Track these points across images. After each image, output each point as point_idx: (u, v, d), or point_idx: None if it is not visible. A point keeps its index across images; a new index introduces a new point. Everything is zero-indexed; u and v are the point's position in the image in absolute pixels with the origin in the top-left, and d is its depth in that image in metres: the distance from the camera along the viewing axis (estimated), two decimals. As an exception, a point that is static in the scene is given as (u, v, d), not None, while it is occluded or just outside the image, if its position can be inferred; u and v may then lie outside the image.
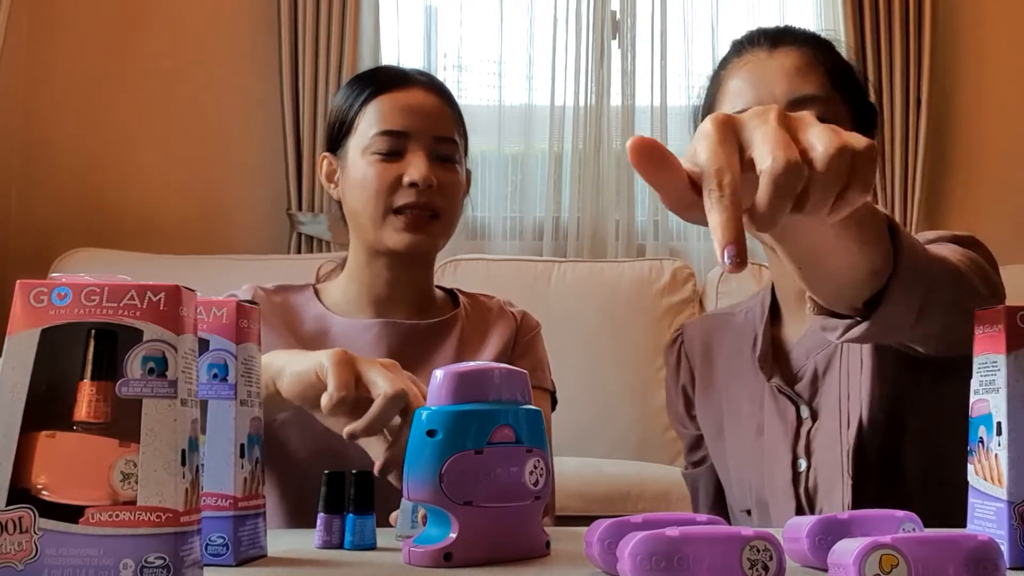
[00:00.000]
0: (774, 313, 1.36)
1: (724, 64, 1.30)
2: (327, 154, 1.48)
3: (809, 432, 1.26)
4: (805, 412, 1.27)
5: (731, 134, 0.68)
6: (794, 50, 1.25)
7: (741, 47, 1.29)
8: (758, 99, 1.20)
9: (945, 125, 3.53)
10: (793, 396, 1.28)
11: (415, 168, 1.36)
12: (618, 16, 3.49)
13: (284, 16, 3.38)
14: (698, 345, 1.43)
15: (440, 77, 3.42)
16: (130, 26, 3.50)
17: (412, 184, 1.36)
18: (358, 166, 1.39)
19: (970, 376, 1.06)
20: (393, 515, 0.97)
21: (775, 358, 1.32)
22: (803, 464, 1.26)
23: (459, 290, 1.54)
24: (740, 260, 0.63)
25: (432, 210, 1.37)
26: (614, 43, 3.48)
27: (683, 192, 0.68)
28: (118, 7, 3.50)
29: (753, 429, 1.32)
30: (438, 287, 1.52)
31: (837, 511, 1.16)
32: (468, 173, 1.51)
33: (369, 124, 1.39)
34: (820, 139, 0.67)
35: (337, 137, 1.45)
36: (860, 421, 1.21)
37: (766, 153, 0.65)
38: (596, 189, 3.41)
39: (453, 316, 1.46)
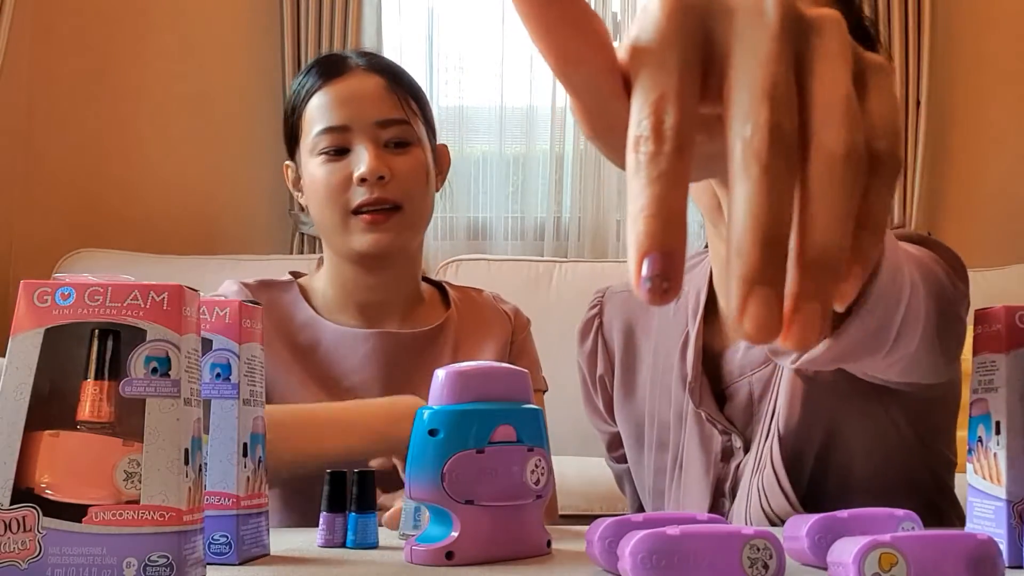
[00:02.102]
0: (710, 306, 1.16)
1: None
2: (288, 162, 1.41)
3: (739, 466, 1.11)
4: (738, 442, 1.11)
5: (696, 27, 0.37)
6: None
7: None
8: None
9: (945, 125, 3.53)
10: (724, 425, 1.11)
11: (362, 162, 1.28)
12: (619, 17, 3.49)
13: (287, 18, 3.39)
14: (619, 328, 1.25)
15: (442, 79, 3.48)
16: (132, 29, 3.50)
17: (362, 180, 1.28)
18: (309, 169, 1.33)
19: (911, 400, 1.04)
20: (386, 516, 0.96)
21: (705, 369, 1.13)
22: (726, 504, 1.11)
23: (447, 283, 1.47)
24: (668, 285, 0.34)
25: (391, 203, 1.29)
26: (615, 44, 3.48)
27: (608, 97, 0.38)
28: (120, 10, 3.50)
29: (678, 458, 1.16)
30: (424, 279, 1.45)
31: None
32: (443, 149, 1.41)
33: (311, 123, 1.32)
34: (835, 93, 0.36)
35: (290, 142, 1.39)
36: (783, 464, 1.04)
37: (749, 105, 0.35)
38: (597, 189, 3.41)
39: (447, 319, 1.39)
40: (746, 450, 1.11)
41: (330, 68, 1.34)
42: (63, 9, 3.48)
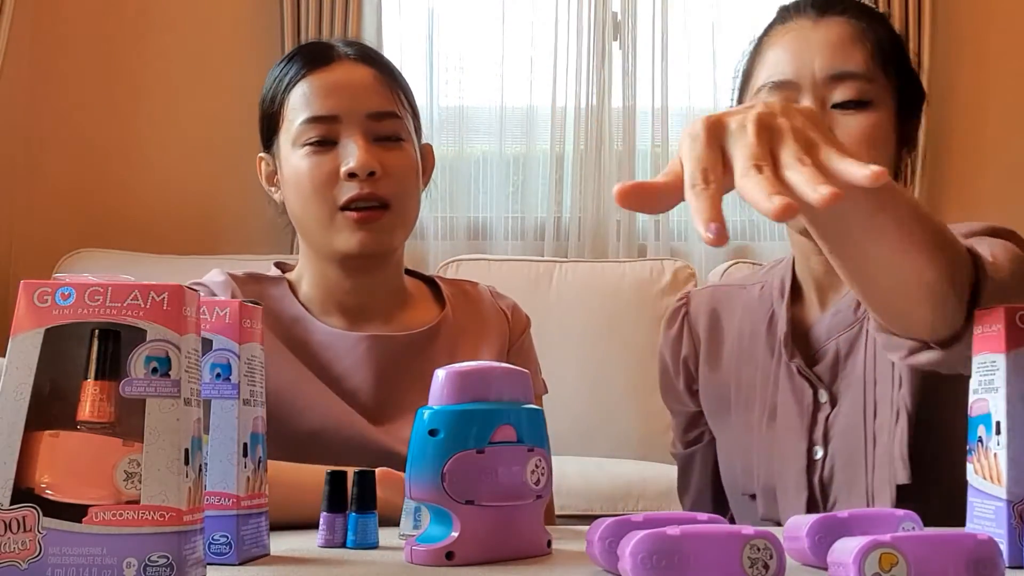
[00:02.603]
0: (794, 293, 1.29)
1: (768, 30, 1.25)
2: (263, 154, 1.33)
3: (828, 418, 1.21)
4: (824, 396, 1.22)
5: (716, 138, 0.74)
6: (841, 20, 1.19)
7: (787, 13, 1.23)
8: (796, 72, 1.17)
9: (945, 125, 3.53)
10: (812, 379, 1.23)
11: (351, 155, 1.21)
12: (619, 17, 3.49)
13: (287, 18, 3.39)
14: (704, 317, 1.35)
15: (442, 78, 3.48)
16: (133, 29, 3.50)
17: (351, 175, 1.21)
18: (291, 162, 1.25)
19: None
20: (380, 470, 0.94)
21: (794, 338, 1.26)
22: (819, 452, 1.21)
23: (439, 279, 1.40)
24: (721, 234, 0.68)
25: (380, 200, 1.22)
26: (615, 44, 3.48)
27: (675, 195, 0.75)
28: (121, 10, 3.50)
29: (765, 411, 1.26)
30: (412, 273, 1.38)
31: (854, 501, 1.16)
32: (428, 149, 1.35)
33: (295, 112, 1.24)
34: (791, 156, 0.72)
35: (268, 133, 1.30)
36: (896, 411, 1.15)
37: (740, 167, 0.72)
38: (597, 189, 3.41)
39: (442, 320, 1.33)
40: (832, 404, 1.21)
41: (316, 56, 1.28)
42: (63, 9, 3.48)
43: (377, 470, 0.93)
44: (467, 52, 3.52)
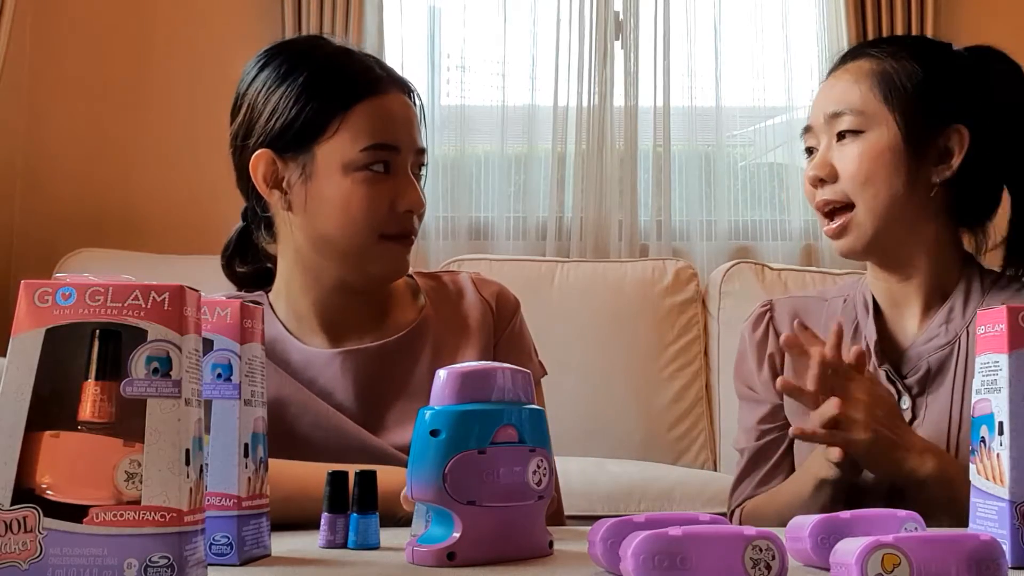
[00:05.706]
0: (875, 307, 1.37)
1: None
2: (269, 152, 1.26)
3: (910, 424, 1.26)
4: (906, 403, 1.28)
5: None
6: (853, 65, 1.33)
7: (829, 71, 1.40)
8: (813, 119, 1.34)
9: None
10: (899, 385, 1.29)
11: (408, 196, 1.23)
12: (621, 17, 3.48)
13: (288, 17, 3.39)
14: (788, 318, 1.41)
15: (443, 78, 3.47)
16: (133, 28, 3.50)
17: (408, 212, 1.24)
18: (336, 184, 1.22)
19: None
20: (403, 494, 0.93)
21: (883, 350, 1.32)
22: None
23: (418, 273, 1.38)
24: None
25: (415, 231, 1.27)
26: (617, 43, 3.47)
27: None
28: (120, 10, 3.50)
29: None
30: None
31: None
32: None
33: (356, 134, 1.21)
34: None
35: (294, 137, 1.24)
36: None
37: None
38: (599, 189, 3.41)
39: (421, 322, 1.31)
40: (913, 414, 1.28)
41: (370, 79, 1.25)
42: (63, 9, 3.48)
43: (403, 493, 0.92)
44: (469, 51, 3.51)
